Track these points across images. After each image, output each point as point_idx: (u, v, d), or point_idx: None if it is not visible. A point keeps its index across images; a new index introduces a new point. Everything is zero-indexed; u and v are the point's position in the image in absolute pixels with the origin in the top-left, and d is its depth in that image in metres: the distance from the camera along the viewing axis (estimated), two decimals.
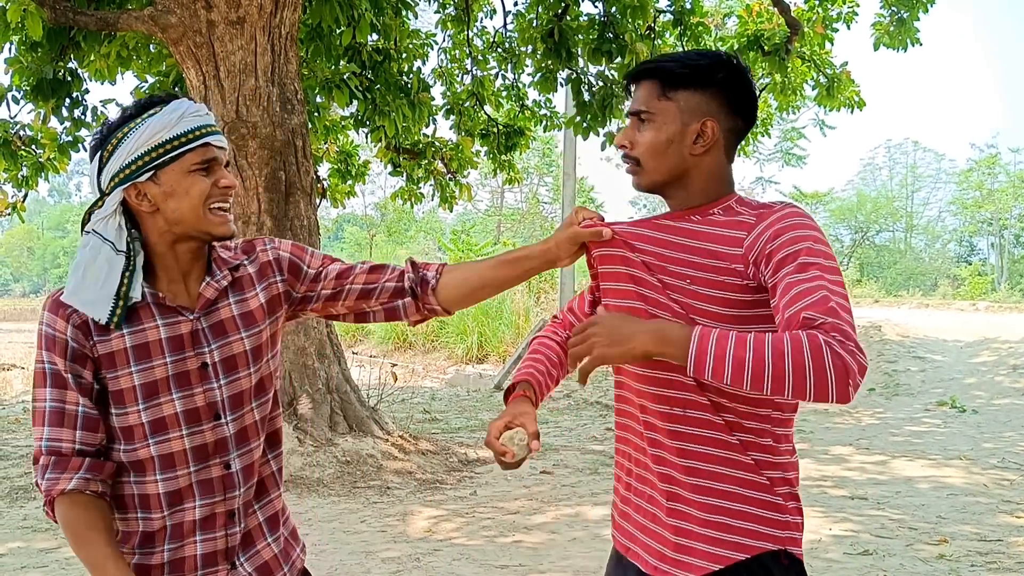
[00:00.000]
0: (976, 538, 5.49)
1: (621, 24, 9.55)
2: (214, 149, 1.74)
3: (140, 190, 1.72)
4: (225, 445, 1.79)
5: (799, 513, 1.83)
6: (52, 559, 5.22)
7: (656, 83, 1.80)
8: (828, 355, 1.48)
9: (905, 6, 10.79)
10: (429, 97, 10.24)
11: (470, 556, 5.23)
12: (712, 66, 1.78)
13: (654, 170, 1.82)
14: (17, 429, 9.76)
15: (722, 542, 1.77)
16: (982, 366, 13.17)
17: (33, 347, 9.06)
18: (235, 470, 1.80)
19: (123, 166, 1.70)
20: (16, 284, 68.99)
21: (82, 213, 1.82)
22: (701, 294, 1.74)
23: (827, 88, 11.77)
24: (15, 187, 10.04)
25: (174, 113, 1.70)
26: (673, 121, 1.78)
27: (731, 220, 1.77)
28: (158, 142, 1.69)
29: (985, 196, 43.94)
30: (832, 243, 37.90)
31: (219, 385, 1.78)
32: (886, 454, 8.27)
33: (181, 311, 1.77)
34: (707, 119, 1.77)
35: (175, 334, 1.75)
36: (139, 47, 8.78)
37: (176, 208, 1.72)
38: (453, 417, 11.17)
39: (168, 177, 1.71)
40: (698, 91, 1.77)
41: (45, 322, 1.74)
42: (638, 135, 1.82)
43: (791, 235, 1.66)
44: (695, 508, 1.78)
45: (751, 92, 1.82)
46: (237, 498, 1.81)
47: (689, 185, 1.82)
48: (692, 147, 1.78)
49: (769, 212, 1.74)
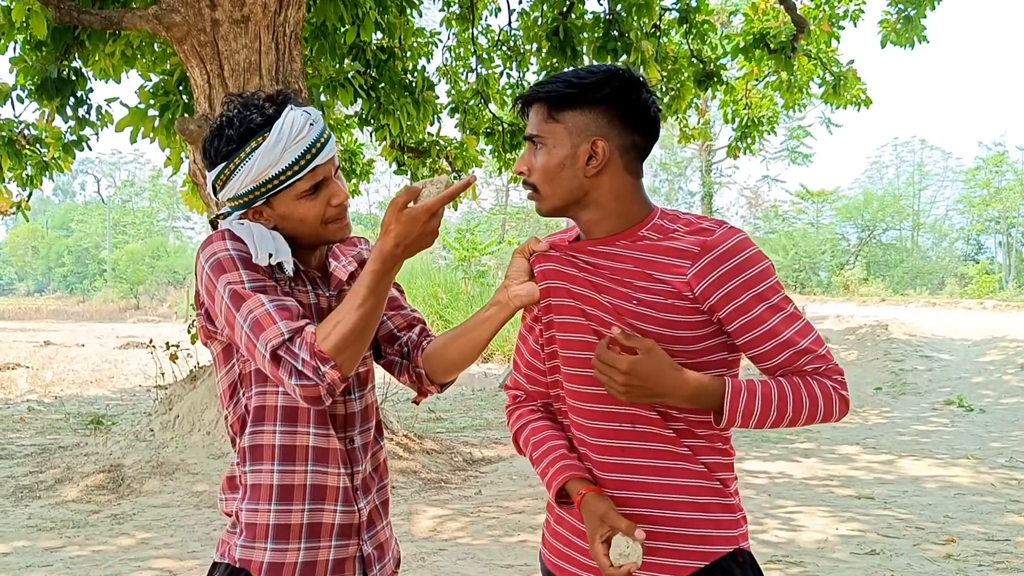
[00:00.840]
0: (984, 538, 5.46)
1: (626, 22, 9.53)
2: (321, 169, 1.76)
3: (257, 211, 1.80)
4: (353, 420, 1.86)
5: (742, 507, 1.84)
6: (57, 558, 5.21)
7: (544, 106, 1.73)
8: (836, 400, 1.72)
9: (912, 3, 10.75)
10: (433, 95, 10.23)
11: (475, 556, 5.22)
12: (597, 83, 1.70)
13: (551, 195, 1.75)
14: (21, 428, 9.77)
15: (681, 552, 1.75)
16: (990, 365, 13.12)
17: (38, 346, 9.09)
18: (357, 446, 1.86)
19: (236, 195, 1.77)
20: (20, 283, 69.15)
21: (86, 213, 1.84)
22: (649, 316, 1.70)
23: (833, 86, 11.74)
24: (20, 186, 10.04)
25: (278, 146, 1.71)
26: (563, 143, 1.71)
27: (668, 245, 1.72)
28: (265, 179, 1.73)
29: (993, 194, 43.78)
30: (839, 241, 37.81)
31: None
32: (893, 453, 8.24)
33: (320, 285, 1.86)
34: (596, 139, 1.70)
35: (320, 304, 1.84)
36: (143, 46, 8.78)
37: (294, 229, 1.80)
38: (458, 416, 11.16)
39: (280, 203, 1.77)
40: (585, 110, 1.71)
41: (233, 248, 1.74)
42: (534, 160, 1.76)
43: (746, 276, 1.68)
44: (648, 523, 1.73)
45: (644, 104, 1.73)
46: (360, 473, 1.86)
47: (592, 206, 1.75)
48: (586, 168, 1.71)
49: (713, 243, 1.69)
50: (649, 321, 1.70)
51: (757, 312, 1.69)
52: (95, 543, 5.53)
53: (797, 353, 1.70)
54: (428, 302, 19.61)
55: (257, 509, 1.78)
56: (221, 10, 6.77)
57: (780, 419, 1.69)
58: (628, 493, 1.75)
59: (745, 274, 1.68)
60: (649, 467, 1.74)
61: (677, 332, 1.70)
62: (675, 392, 1.64)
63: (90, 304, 48.31)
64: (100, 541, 5.59)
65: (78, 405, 12.01)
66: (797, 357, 1.70)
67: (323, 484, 1.79)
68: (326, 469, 1.79)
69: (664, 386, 1.63)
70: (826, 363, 1.72)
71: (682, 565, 1.74)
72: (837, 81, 11.69)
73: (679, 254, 1.70)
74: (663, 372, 1.63)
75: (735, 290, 1.68)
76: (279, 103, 1.76)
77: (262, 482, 1.78)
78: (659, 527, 1.74)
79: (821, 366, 1.72)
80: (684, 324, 1.70)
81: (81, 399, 12.75)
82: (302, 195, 1.75)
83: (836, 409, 1.72)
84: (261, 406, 1.79)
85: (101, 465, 7.16)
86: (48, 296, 59.44)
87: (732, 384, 1.67)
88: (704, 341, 1.72)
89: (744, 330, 1.70)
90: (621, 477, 1.76)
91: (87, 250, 62.90)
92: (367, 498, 1.88)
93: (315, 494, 1.78)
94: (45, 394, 13.19)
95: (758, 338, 1.70)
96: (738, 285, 1.68)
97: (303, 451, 1.78)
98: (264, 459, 1.78)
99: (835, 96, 11.82)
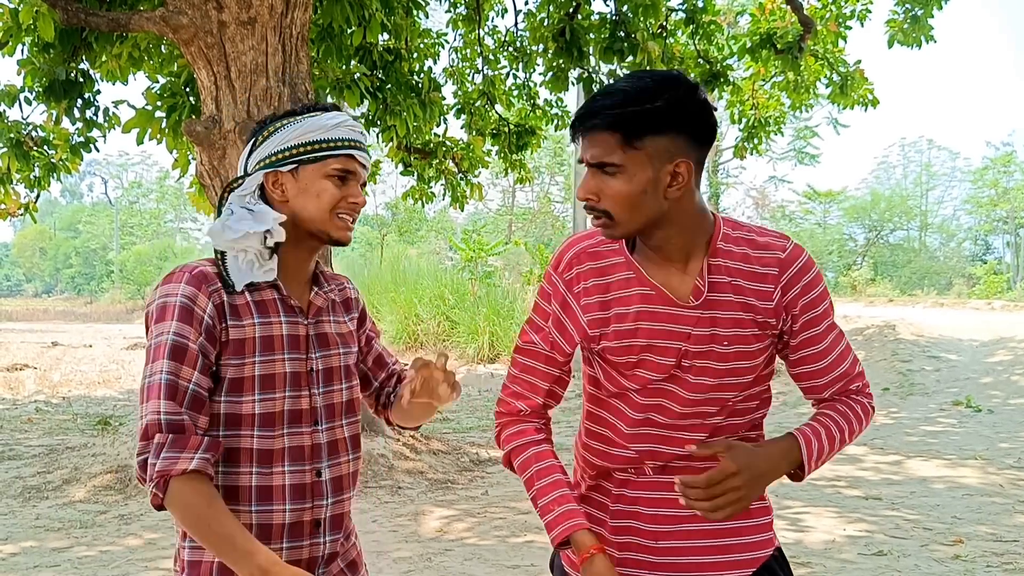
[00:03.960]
0: (992, 539, 5.44)
1: (633, 23, 9.52)
2: (357, 164, 1.82)
3: (279, 179, 1.81)
4: (319, 452, 1.82)
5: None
6: (64, 558, 5.23)
7: (618, 135, 1.61)
8: (870, 414, 1.84)
9: (919, 3, 10.71)
10: (440, 97, 10.23)
11: (482, 556, 5.22)
12: (671, 106, 1.61)
13: (629, 221, 1.66)
14: (29, 429, 9.79)
15: (731, 563, 1.75)
16: (998, 365, 13.07)
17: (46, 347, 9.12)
18: (324, 480, 1.82)
19: (272, 152, 1.80)
20: (28, 284, 69.38)
21: (94, 215, 1.83)
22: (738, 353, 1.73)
23: (840, 86, 11.70)
24: (27, 188, 10.07)
25: (333, 120, 1.80)
26: (644, 170, 1.62)
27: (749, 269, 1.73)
28: (309, 139, 1.78)
29: (1000, 194, 43.66)
30: (846, 242, 37.78)
31: (319, 392, 1.83)
32: (901, 454, 8.21)
33: (298, 313, 1.83)
34: (680, 160, 1.63)
35: (294, 333, 1.81)
36: (151, 48, 8.80)
37: (304, 207, 1.79)
38: (464, 417, 11.16)
39: (307, 174, 1.79)
40: (663, 135, 1.62)
41: (183, 294, 1.71)
42: (604, 186, 1.65)
43: (815, 293, 1.75)
44: (696, 539, 1.75)
45: (712, 121, 1.68)
46: (324, 508, 1.82)
47: (667, 225, 1.69)
48: (667, 191, 1.64)
49: (789, 259, 1.74)
50: (733, 358, 1.73)
51: (822, 328, 1.77)
52: (102, 543, 5.55)
53: (844, 373, 1.81)
54: (435, 303, 19.62)
55: (204, 548, 1.73)
56: (228, 12, 6.78)
57: (838, 450, 1.78)
58: (675, 511, 1.76)
59: (816, 290, 1.75)
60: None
61: (753, 362, 1.75)
62: (771, 465, 1.68)
63: (98, 305, 48.50)
64: (107, 541, 5.61)
65: (86, 406, 12.05)
66: (843, 377, 1.81)
67: (268, 523, 1.75)
68: (271, 507, 1.75)
69: (766, 465, 1.67)
70: (862, 380, 1.84)
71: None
72: (844, 81, 11.65)
73: (761, 278, 1.73)
74: (755, 454, 1.66)
75: (809, 304, 1.75)
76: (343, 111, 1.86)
77: None
78: (705, 541, 1.76)
79: (859, 384, 1.83)
80: (759, 352, 1.75)
81: (89, 400, 12.79)
82: (332, 174, 1.79)
83: (869, 421, 1.85)
84: None
85: (108, 466, 7.18)
86: (56, 297, 59.65)
87: (803, 437, 1.72)
88: (761, 358, 1.77)
89: (806, 344, 1.77)
90: (669, 496, 1.76)
91: (94, 251, 63.09)
92: (333, 536, 1.84)
93: (260, 533, 1.74)
94: (53, 395, 13.23)
95: (818, 353, 1.78)
96: (810, 301, 1.74)
97: (246, 491, 1.74)
98: None
99: (842, 96, 11.77)
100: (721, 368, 1.72)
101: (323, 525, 1.81)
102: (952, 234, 49.44)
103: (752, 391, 1.77)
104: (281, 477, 1.76)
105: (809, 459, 1.70)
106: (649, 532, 1.76)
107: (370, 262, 30.85)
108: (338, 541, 1.86)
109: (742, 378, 1.74)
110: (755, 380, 1.76)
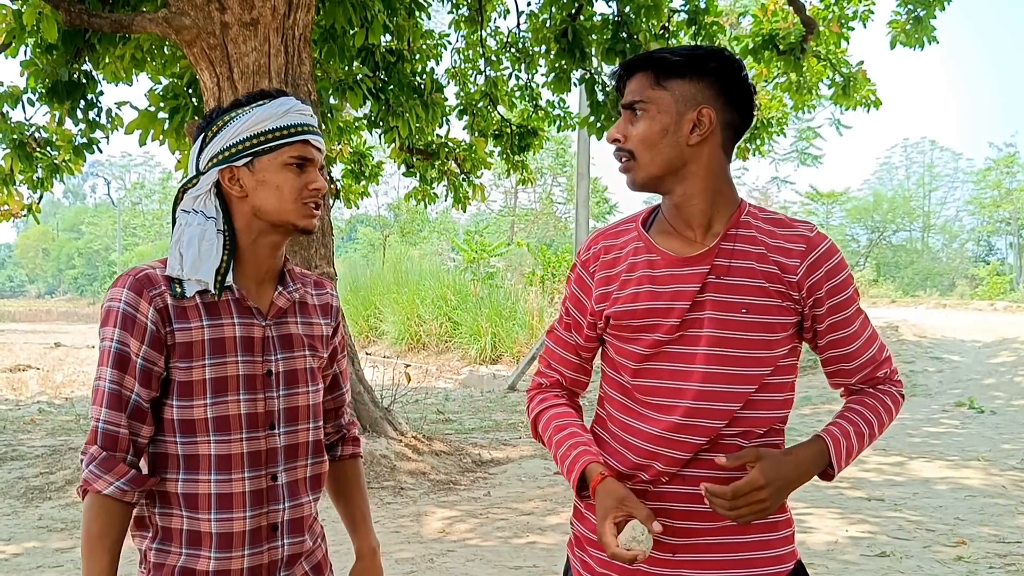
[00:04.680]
0: (995, 540, 5.43)
1: (635, 24, 9.52)
2: (312, 149, 1.77)
3: (235, 174, 1.75)
4: (275, 456, 1.78)
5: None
6: (67, 559, 5.23)
7: (650, 73, 1.72)
8: (899, 402, 1.84)
9: (922, 4, 10.71)
10: (442, 98, 10.23)
11: (484, 557, 5.22)
12: (707, 56, 1.71)
13: (650, 162, 1.72)
14: (32, 429, 9.81)
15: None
16: (1001, 366, 13.05)
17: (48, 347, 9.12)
18: (281, 484, 1.79)
19: (224, 148, 1.74)
20: (31, 285, 69.47)
21: (96, 216, 1.82)
22: (754, 323, 1.71)
23: (843, 87, 11.70)
24: (30, 189, 10.10)
25: (281, 107, 1.74)
26: (668, 110, 1.70)
27: (773, 244, 1.73)
28: (261, 130, 1.73)
29: (1003, 195, 43.62)
30: (849, 243, 37.72)
31: (278, 395, 1.78)
32: (904, 455, 8.21)
33: (255, 314, 1.77)
34: (703, 107, 1.69)
35: (248, 335, 1.76)
36: (153, 49, 8.81)
37: (266, 199, 1.74)
38: (467, 418, 11.16)
39: (263, 166, 1.74)
40: (693, 80, 1.69)
41: (124, 300, 1.70)
42: (631, 128, 1.74)
43: (841, 278, 1.74)
44: (716, 552, 1.72)
45: (747, 85, 1.74)
46: (281, 512, 1.79)
47: (689, 179, 1.73)
48: (688, 136, 1.70)
49: (816, 240, 1.73)
50: (751, 328, 1.71)
51: (849, 312, 1.76)
52: None
53: (872, 359, 1.80)
54: (437, 304, 19.62)
55: (169, 551, 1.74)
56: (230, 13, 6.79)
57: (868, 444, 1.78)
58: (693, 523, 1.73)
59: (842, 274, 1.74)
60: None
61: (774, 336, 1.72)
62: (800, 472, 1.69)
63: (100, 306, 48.55)
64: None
65: (88, 407, 12.04)
66: (871, 363, 1.80)
67: (229, 532, 1.73)
68: (231, 515, 1.74)
69: (793, 473, 1.67)
70: (890, 367, 1.84)
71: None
72: (847, 82, 11.65)
73: (786, 252, 1.72)
74: (784, 463, 1.66)
75: (835, 288, 1.73)
76: (290, 95, 1.81)
77: (172, 526, 1.75)
78: (728, 554, 1.73)
79: (887, 370, 1.83)
80: (781, 328, 1.72)
81: (91, 401, 12.79)
82: (289, 163, 1.74)
83: (899, 409, 1.84)
84: (163, 453, 1.76)
85: None
86: (58, 298, 59.74)
87: (831, 439, 1.72)
88: (782, 335, 1.73)
89: (834, 329, 1.75)
90: (689, 507, 1.73)
91: (97, 252, 63.18)
92: (292, 539, 1.82)
93: (221, 542, 1.73)
94: (55, 395, 13.25)
95: (846, 338, 1.77)
96: (837, 285, 1.73)
97: (206, 499, 1.72)
98: (172, 504, 1.75)
99: (845, 97, 11.78)
100: (739, 338, 1.69)
101: (280, 529, 1.79)
102: (955, 235, 49.41)
103: (773, 380, 1.72)
104: (241, 484, 1.73)
105: (838, 460, 1.71)
106: (667, 545, 1.71)
107: (372, 263, 30.87)
108: (300, 543, 1.83)
109: (762, 353, 1.69)
110: (776, 370, 1.71)
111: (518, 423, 10.42)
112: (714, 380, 1.68)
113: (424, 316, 19.65)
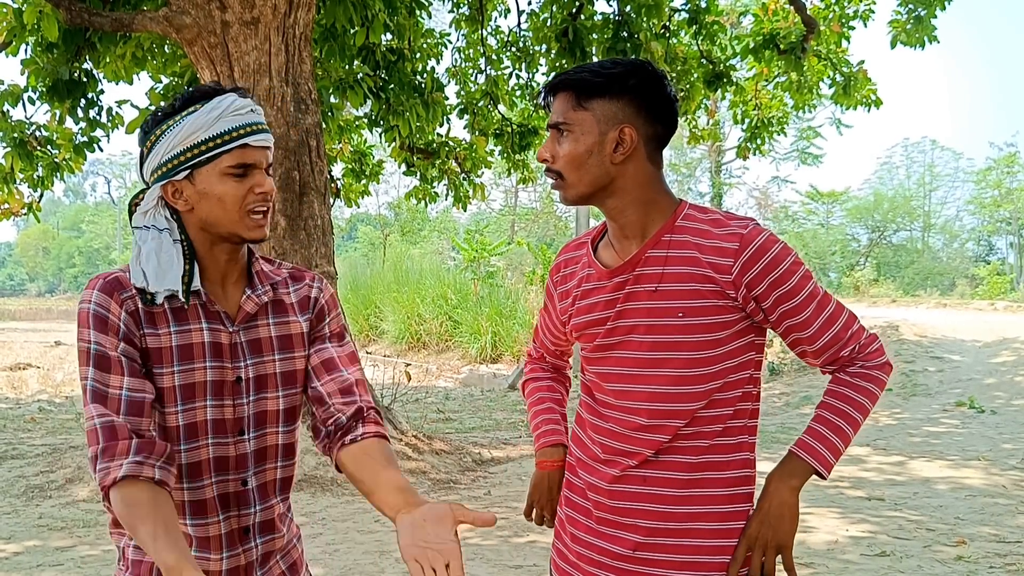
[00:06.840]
0: (995, 539, 5.43)
1: (636, 23, 9.52)
2: (252, 151, 1.68)
3: (177, 188, 1.69)
4: (245, 462, 1.76)
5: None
6: (68, 557, 5.24)
7: (571, 94, 1.76)
8: (879, 376, 1.83)
9: (922, 3, 10.70)
10: (443, 97, 10.23)
11: (484, 556, 5.22)
12: (624, 73, 1.74)
13: (578, 182, 1.78)
14: (33, 428, 9.81)
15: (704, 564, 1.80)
16: (1001, 366, 13.05)
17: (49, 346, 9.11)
18: (251, 487, 1.78)
19: (160, 163, 1.68)
20: (32, 284, 69.48)
21: (97, 214, 1.80)
22: (692, 325, 1.75)
23: (843, 87, 11.70)
24: (31, 187, 10.09)
25: (213, 112, 1.65)
26: (591, 131, 1.74)
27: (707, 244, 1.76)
28: (193, 142, 1.65)
29: (1004, 195, 43.57)
30: (849, 242, 37.54)
31: (248, 401, 1.75)
32: (904, 455, 8.21)
33: (223, 319, 1.74)
34: (624, 125, 1.74)
35: (216, 341, 1.72)
36: (154, 48, 8.81)
37: (211, 211, 1.68)
38: (467, 417, 11.16)
39: (203, 178, 1.67)
40: (613, 99, 1.74)
41: (95, 301, 1.67)
42: (558, 148, 1.78)
43: (782, 268, 1.73)
44: (675, 553, 1.80)
45: (668, 97, 1.78)
46: (252, 515, 1.78)
47: (618, 193, 1.78)
48: (612, 155, 1.75)
49: (748, 237, 1.74)
50: (692, 331, 1.75)
51: (798, 300, 1.76)
52: (106, 542, 5.55)
53: (833, 339, 1.80)
54: (438, 303, 19.62)
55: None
56: (231, 12, 6.79)
57: (857, 430, 1.82)
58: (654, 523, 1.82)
59: (782, 266, 1.74)
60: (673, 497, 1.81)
61: (716, 335, 1.75)
62: (783, 499, 1.79)
63: None
64: (111, 540, 5.61)
65: None
66: (833, 343, 1.80)
67: (205, 536, 1.73)
68: (206, 520, 1.72)
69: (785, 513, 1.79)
70: (857, 343, 1.82)
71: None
72: (847, 81, 11.64)
73: (720, 252, 1.74)
74: (767, 513, 1.79)
75: (776, 281, 1.74)
76: (226, 91, 1.72)
77: None
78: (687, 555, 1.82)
79: (853, 347, 1.81)
80: (723, 326, 1.75)
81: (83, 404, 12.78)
82: (228, 172, 1.66)
83: (883, 383, 1.84)
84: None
85: None
86: (59, 296, 59.70)
87: (802, 446, 1.80)
88: (726, 333, 1.76)
89: (785, 318, 1.77)
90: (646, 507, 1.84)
91: (98, 251, 63.18)
92: (264, 538, 1.80)
93: (199, 545, 1.73)
94: (56, 394, 13.25)
95: (800, 324, 1.78)
96: (777, 278, 1.73)
97: (179, 506, 1.70)
98: None
99: (845, 97, 11.77)
100: (680, 341, 1.74)
101: (252, 531, 1.78)
102: (955, 235, 49.35)
103: (725, 381, 1.76)
104: (211, 489, 1.72)
105: (825, 466, 1.78)
106: (628, 541, 1.81)
107: (372, 262, 30.88)
108: (271, 540, 1.82)
109: (711, 353, 1.74)
110: (726, 370, 1.76)
111: (518, 422, 10.42)
112: (664, 382, 1.76)
113: (424, 315, 19.65)
